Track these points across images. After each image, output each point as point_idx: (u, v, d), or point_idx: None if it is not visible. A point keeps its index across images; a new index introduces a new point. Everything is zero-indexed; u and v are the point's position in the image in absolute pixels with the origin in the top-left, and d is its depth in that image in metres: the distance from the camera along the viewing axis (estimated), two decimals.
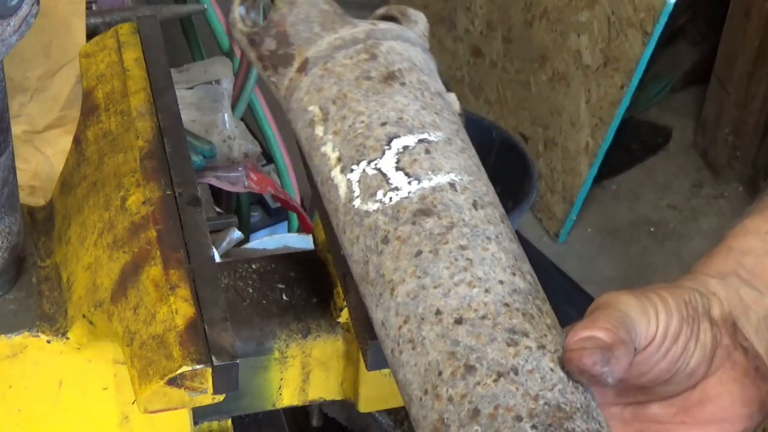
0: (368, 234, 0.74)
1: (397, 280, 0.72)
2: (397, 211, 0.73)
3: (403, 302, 0.72)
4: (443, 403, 0.69)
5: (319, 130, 0.78)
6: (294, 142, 1.04)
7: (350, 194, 0.75)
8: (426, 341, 0.70)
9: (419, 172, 0.74)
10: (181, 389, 0.85)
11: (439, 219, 0.73)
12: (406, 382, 0.72)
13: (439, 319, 0.70)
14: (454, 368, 0.69)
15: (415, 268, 0.72)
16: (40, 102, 1.53)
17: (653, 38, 2.51)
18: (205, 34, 2.25)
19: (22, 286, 0.98)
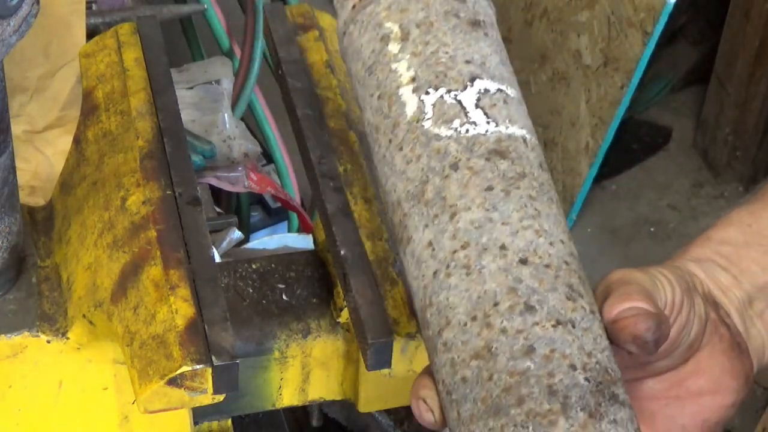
0: (435, 156, 0.74)
1: (461, 206, 0.72)
2: (473, 144, 0.74)
3: (464, 228, 0.72)
4: (494, 333, 0.69)
5: (394, 47, 0.77)
6: (294, 142, 1.04)
7: (421, 114, 0.75)
8: (485, 271, 0.70)
9: (498, 117, 0.75)
10: (181, 389, 0.85)
11: (513, 164, 0.74)
12: (447, 305, 0.71)
13: (504, 254, 0.71)
14: (513, 303, 0.69)
15: (484, 200, 0.72)
16: (40, 102, 1.53)
17: (653, 38, 2.51)
18: (205, 34, 2.25)
19: (22, 286, 0.98)
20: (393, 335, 0.88)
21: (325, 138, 1.00)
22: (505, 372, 0.68)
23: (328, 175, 0.97)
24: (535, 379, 0.68)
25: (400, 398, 1.04)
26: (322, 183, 0.97)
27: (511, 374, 0.68)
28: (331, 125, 1.01)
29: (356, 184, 0.97)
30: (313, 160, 0.98)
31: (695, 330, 0.77)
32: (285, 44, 1.07)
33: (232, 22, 2.24)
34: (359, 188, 0.97)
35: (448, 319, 0.71)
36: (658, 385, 0.80)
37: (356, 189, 0.97)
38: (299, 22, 1.10)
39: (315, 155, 0.98)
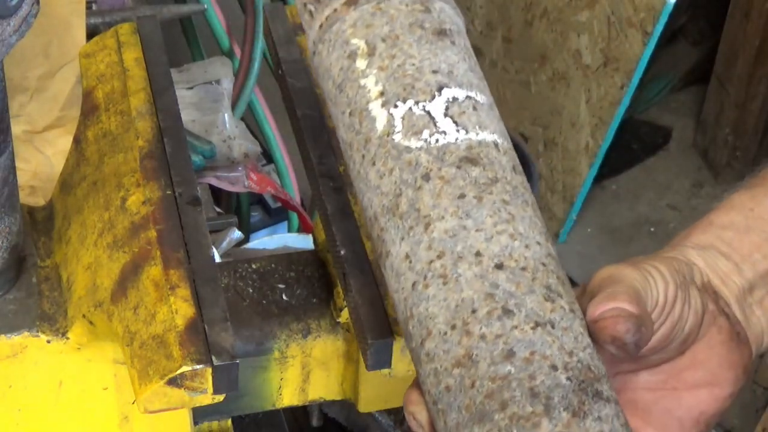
0: (406, 168, 0.74)
1: (434, 217, 0.73)
2: (443, 153, 0.74)
3: (439, 238, 0.72)
4: (474, 340, 0.69)
5: (362, 63, 0.78)
6: (294, 142, 1.04)
7: (390, 128, 0.76)
8: (462, 279, 0.71)
9: (467, 124, 0.75)
10: (181, 389, 0.85)
11: (484, 170, 0.74)
12: (427, 315, 0.72)
13: (479, 260, 0.71)
14: (491, 308, 0.70)
15: (457, 209, 0.72)
16: (40, 102, 1.53)
17: (653, 38, 2.51)
18: (205, 34, 2.25)
19: (22, 286, 0.98)
20: (393, 335, 0.88)
21: (325, 138, 1.00)
22: (486, 378, 0.69)
23: (328, 175, 0.97)
24: (516, 383, 0.68)
25: (400, 398, 1.03)
26: (322, 183, 0.97)
27: (493, 379, 0.68)
28: (331, 125, 1.01)
29: None
30: (313, 160, 0.98)
31: (690, 323, 0.77)
32: (285, 44, 1.07)
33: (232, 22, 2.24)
34: None
35: (429, 329, 0.71)
36: (653, 377, 0.80)
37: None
38: (299, 22, 1.10)
39: (315, 155, 0.98)
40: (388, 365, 0.89)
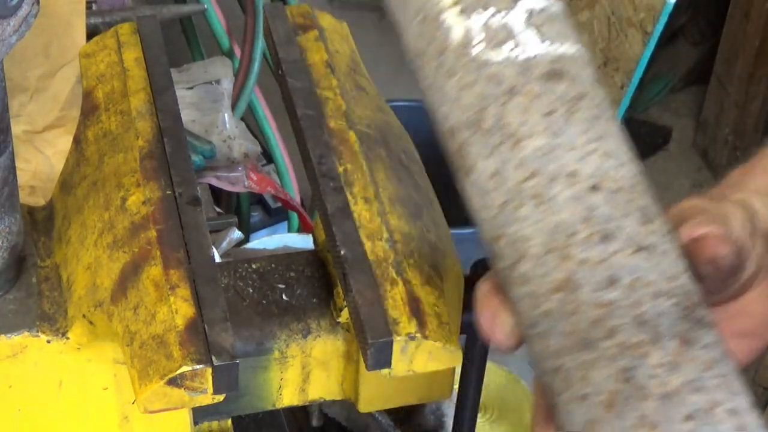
0: (489, 82, 0.71)
1: (524, 134, 0.70)
2: (527, 68, 0.71)
3: (530, 156, 0.69)
4: (574, 264, 0.67)
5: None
6: (294, 142, 1.04)
7: (468, 39, 0.72)
8: (557, 200, 0.68)
9: (550, 35, 0.72)
10: (181, 389, 0.85)
11: (571, 85, 0.71)
12: (520, 237, 0.69)
13: (574, 181, 0.68)
14: (590, 232, 0.68)
15: (547, 126, 0.69)
16: (40, 102, 1.53)
17: (653, 38, 2.51)
18: (205, 34, 2.25)
19: (22, 286, 0.98)
20: (393, 335, 0.88)
21: (325, 138, 1.00)
22: (589, 304, 0.67)
23: (328, 175, 0.97)
24: (622, 310, 0.66)
25: (400, 398, 1.04)
26: (322, 183, 0.97)
27: (597, 306, 0.67)
28: (331, 125, 1.01)
29: (356, 184, 0.97)
30: (313, 160, 0.98)
31: (751, 270, 0.75)
32: (285, 44, 1.07)
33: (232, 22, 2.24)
34: (359, 188, 0.97)
35: (523, 251, 0.69)
36: None
37: (356, 189, 0.97)
38: (299, 22, 1.10)
39: (315, 155, 0.98)
40: (388, 365, 0.89)
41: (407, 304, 0.90)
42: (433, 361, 0.90)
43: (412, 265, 0.93)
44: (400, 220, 0.96)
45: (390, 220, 0.95)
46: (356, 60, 1.11)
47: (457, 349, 0.91)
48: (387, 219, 0.95)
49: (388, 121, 1.07)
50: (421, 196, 1.01)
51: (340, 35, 1.12)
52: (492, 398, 2.15)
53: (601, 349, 0.66)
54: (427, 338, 0.89)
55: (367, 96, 1.07)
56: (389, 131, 1.05)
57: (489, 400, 2.14)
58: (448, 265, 0.98)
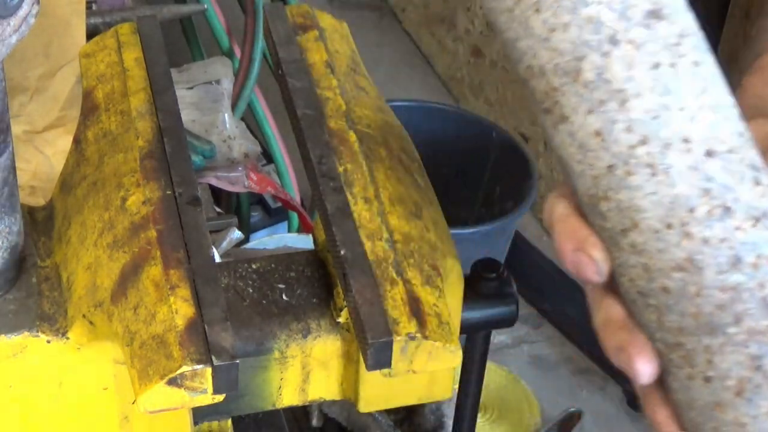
0: (586, 26, 0.65)
1: (631, 92, 0.65)
2: (627, 9, 0.65)
3: (640, 119, 0.65)
4: (696, 244, 0.65)
5: None
6: (294, 142, 1.04)
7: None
8: (673, 170, 0.65)
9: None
10: (181, 389, 0.85)
11: (670, 24, 0.66)
12: (631, 206, 0.66)
13: (689, 148, 0.65)
14: (710, 207, 0.65)
15: (655, 83, 0.65)
16: (40, 102, 1.53)
17: None
18: (205, 34, 2.25)
19: (22, 286, 0.98)
20: (393, 335, 0.88)
21: (325, 138, 1.00)
22: (714, 288, 0.65)
23: (328, 175, 0.97)
24: (748, 293, 0.64)
25: (400, 398, 1.04)
26: (322, 183, 0.97)
27: (723, 290, 0.65)
28: (331, 125, 1.01)
29: (356, 184, 0.97)
30: (313, 160, 0.98)
31: None
32: (285, 44, 1.07)
33: (232, 22, 2.24)
34: (359, 188, 0.97)
35: (635, 221, 0.66)
36: None
37: (356, 189, 0.97)
38: (299, 22, 1.10)
39: (315, 155, 0.98)
40: (388, 365, 0.89)
41: (407, 304, 0.90)
42: (433, 361, 0.90)
43: (412, 265, 0.93)
44: (400, 220, 0.96)
45: (390, 220, 0.95)
46: (356, 60, 1.11)
47: (457, 349, 0.91)
48: (387, 219, 0.95)
49: (388, 121, 1.07)
50: (421, 196, 1.01)
51: (340, 35, 1.12)
52: (492, 398, 2.15)
53: (728, 335, 0.65)
54: (427, 338, 0.89)
55: (367, 96, 1.07)
56: (389, 131, 1.05)
57: (489, 400, 2.15)
58: (448, 265, 0.98)
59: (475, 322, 1.05)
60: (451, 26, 3.01)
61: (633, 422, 2.23)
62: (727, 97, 0.67)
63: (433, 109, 2.43)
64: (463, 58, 2.99)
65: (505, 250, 2.33)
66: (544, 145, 2.79)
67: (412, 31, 3.11)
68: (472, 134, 2.46)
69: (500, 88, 2.88)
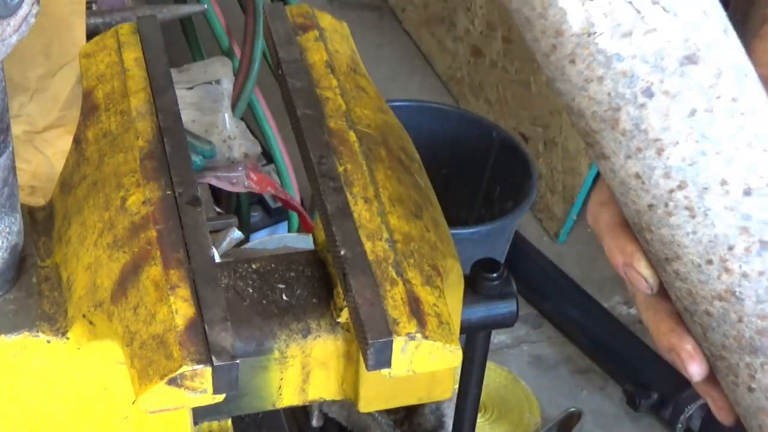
0: (621, 80, 0.66)
1: (667, 141, 0.67)
2: (661, 58, 0.65)
3: (677, 166, 0.67)
4: (735, 278, 0.68)
5: None
6: (294, 142, 1.04)
7: (589, 26, 0.65)
8: (711, 213, 0.67)
9: (675, 4, 0.65)
10: (181, 389, 0.85)
11: (705, 66, 0.66)
12: (673, 241, 0.69)
13: (726, 190, 0.67)
14: (748, 244, 0.68)
15: (691, 131, 0.66)
16: (40, 102, 1.53)
17: None
18: (205, 34, 2.25)
19: (22, 286, 0.98)
20: (393, 335, 0.88)
21: (325, 138, 1.00)
22: (754, 315, 0.68)
23: (328, 175, 0.97)
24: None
25: (400, 398, 1.04)
26: (322, 183, 0.97)
27: (762, 317, 0.68)
28: (331, 125, 1.01)
29: (356, 184, 0.97)
30: (313, 160, 0.98)
31: None
32: (285, 44, 1.07)
33: (232, 22, 2.24)
34: (359, 188, 0.97)
35: (678, 254, 0.69)
36: None
37: (356, 189, 0.97)
38: (299, 22, 1.10)
39: (315, 155, 0.98)
40: (388, 365, 0.89)
41: (407, 304, 0.90)
42: (433, 361, 0.90)
43: (412, 265, 0.93)
44: (400, 220, 0.96)
45: (390, 220, 0.95)
46: (356, 60, 1.11)
47: (457, 349, 0.91)
48: (387, 219, 0.95)
49: (388, 121, 1.07)
50: (421, 196, 1.01)
51: (340, 35, 1.12)
52: (492, 398, 2.15)
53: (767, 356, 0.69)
54: (427, 338, 0.89)
55: (367, 96, 1.07)
56: (389, 131, 1.05)
57: (489, 400, 2.15)
58: (448, 265, 0.98)
59: (475, 322, 1.05)
60: (451, 26, 3.01)
61: (633, 422, 2.23)
62: (766, 121, 0.68)
63: (433, 109, 2.43)
64: (463, 58, 2.99)
65: (505, 250, 2.33)
66: (544, 145, 2.80)
67: (412, 31, 3.11)
68: (472, 134, 2.46)
69: (500, 88, 2.88)
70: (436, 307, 0.91)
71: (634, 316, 2.38)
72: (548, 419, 2.16)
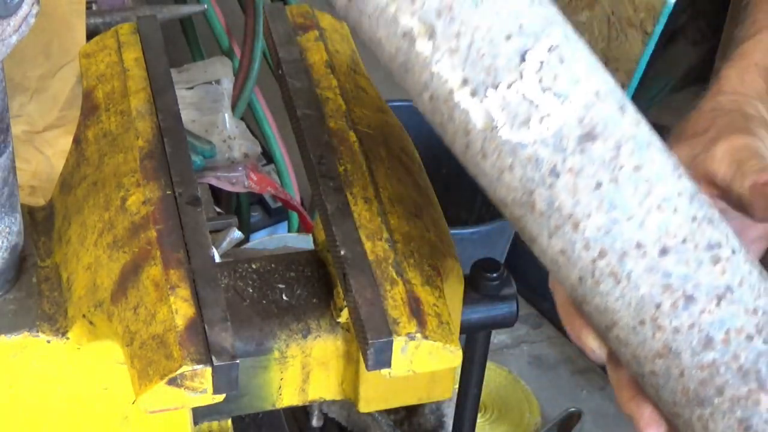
0: (528, 165, 0.70)
1: (580, 215, 0.70)
2: (560, 140, 0.69)
3: (593, 237, 0.70)
4: (667, 334, 0.71)
5: (424, 47, 0.69)
6: (294, 142, 1.04)
7: (491, 122, 0.69)
8: (633, 275, 0.71)
9: (566, 89, 0.69)
10: (181, 389, 0.85)
11: (604, 141, 0.70)
12: (606, 308, 0.72)
13: (643, 252, 0.70)
14: (673, 300, 0.70)
15: (600, 202, 0.70)
16: (40, 102, 1.53)
17: (653, 38, 2.51)
18: (205, 34, 2.25)
19: (22, 286, 0.98)
20: (393, 335, 0.88)
21: (325, 138, 1.00)
22: (693, 367, 0.71)
23: (328, 175, 0.97)
24: (723, 367, 0.71)
25: (400, 398, 1.04)
26: (322, 183, 0.97)
27: (701, 368, 0.71)
28: (331, 125, 1.01)
29: (356, 184, 0.97)
30: (313, 160, 0.98)
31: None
32: (285, 44, 1.07)
33: (232, 22, 2.24)
34: (359, 188, 0.97)
35: (614, 320, 0.73)
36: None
37: (356, 189, 0.97)
38: (299, 22, 1.10)
39: (315, 155, 0.98)
40: (388, 365, 0.89)
41: (407, 304, 0.90)
42: (433, 361, 0.90)
43: (412, 265, 0.93)
44: (400, 220, 0.96)
45: (390, 220, 0.95)
46: (356, 60, 1.11)
47: (457, 349, 0.91)
48: (387, 219, 0.95)
49: (388, 121, 1.07)
50: (421, 196, 1.01)
51: (340, 35, 1.12)
52: (492, 398, 2.15)
53: (714, 405, 0.72)
54: (427, 338, 0.89)
55: (367, 96, 1.07)
56: (389, 131, 1.05)
57: (489, 400, 2.15)
58: (448, 265, 0.98)
59: (475, 322, 1.05)
60: None
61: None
62: (674, 185, 0.71)
63: None
64: None
65: (505, 250, 2.32)
66: None
67: None
68: None
69: None
70: (436, 307, 0.91)
71: None
72: (548, 419, 2.16)
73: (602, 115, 0.70)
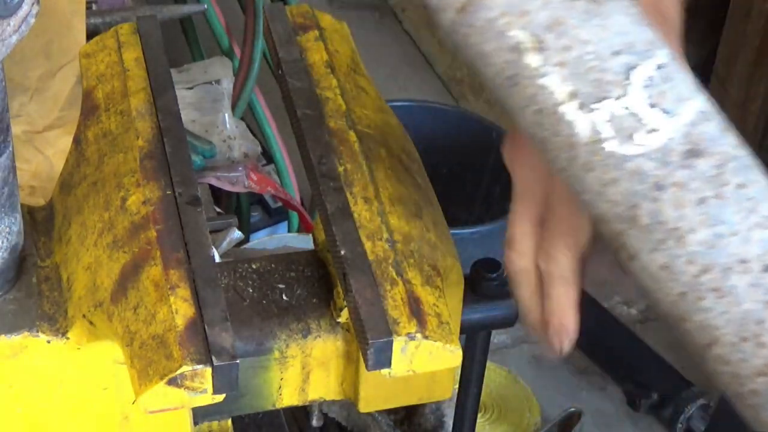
0: (632, 178, 0.72)
1: (685, 229, 0.72)
2: (665, 155, 0.72)
3: (698, 251, 0.72)
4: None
5: (534, 59, 0.72)
6: (294, 142, 1.04)
7: (596, 135, 0.72)
8: (736, 291, 0.72)
9: (672, 106, 0.72)
10: (181, 389, 0.85)
11: (709, 158, 0.72)
12: (708, 324, 0.73)
13: (746, 267, 0.72)
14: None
15: (705, 217, 0.72)
16: (40, 102, 1.53)
17: None
18: (205, 34, 2.25)
19: (22, 286, 0.98)
20: (393, 335, 0.88)
21: (325, 138, 1.00)
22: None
23: (328, 175, 0.97)
24: None
25: (400, 398, 1.04)
26: (322, 183, 0.97)
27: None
28: (331, 125, 1.01)
29: (356, 184, 0.97)
30: (313, 160, 0.98)
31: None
32: (285, 44, 1.07)
33: (232, 22, 2.24)
34: (359, 188, 0.97)
35: (715, 337, 0.74)
36: None
37: (356, 189, 0.97)
38: (299, 22, 1.10)
39: (315, 155, 0.98)
40: (388, 365, 0.89)
41: (407, 304, 0.90)
42: (433, 361, 0.90)
43: (412, 265, 0.93)
44: (400, 220, 0.96)
45: (390, 220, 0.95)
46: (356, 60, 1.11)
47: (457, 349, 0.91)
48: (387, 219, 0.95)
49: (388, 121, 1.07)
50: (421, 196, 1.01)
51: (340, 35, 1.12)
52: (492, 398, 2.15)
53: None
54: (427, 338, 0.89)
55: (367, 96, 1.07)
56: (389, 131, 1.05)
57: (489, 400, 2.15)
58: (448, 265, 0.98)
59: (475, 322, 1.05)
60: None
61: (633, 422, 2.23)
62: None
63: (433, 109, 2.42)
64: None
65: None
66: None
67: (412, 31, 3.11)
68: (472, 134, 2.45)
69: None
70: (436, 307, 0.91)
71: (635, 316, 2.38)
72: (548, 419, 2.16)
73: (707, 133, 0.72)
